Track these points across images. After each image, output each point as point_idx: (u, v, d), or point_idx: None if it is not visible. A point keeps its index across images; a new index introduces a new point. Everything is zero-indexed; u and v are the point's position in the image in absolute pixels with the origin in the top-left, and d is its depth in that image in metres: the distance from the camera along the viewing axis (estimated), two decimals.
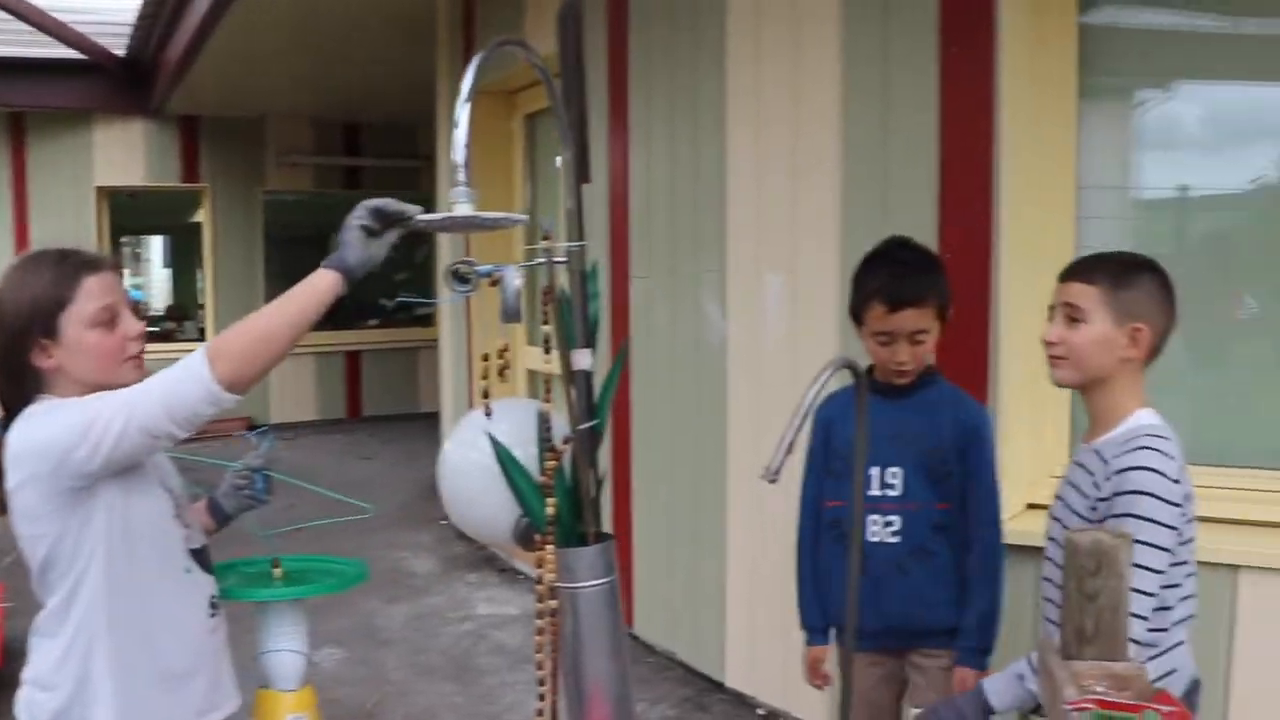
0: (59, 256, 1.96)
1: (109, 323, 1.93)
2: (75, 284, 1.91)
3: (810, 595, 2.69)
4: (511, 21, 5.82)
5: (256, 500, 2.30)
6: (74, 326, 1.90)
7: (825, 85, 3.61)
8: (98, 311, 1.91)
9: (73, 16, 8.32)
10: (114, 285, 1.97)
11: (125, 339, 1.95)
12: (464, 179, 1.79)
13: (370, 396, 12.45)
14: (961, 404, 2.52)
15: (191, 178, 11.45)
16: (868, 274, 2.50)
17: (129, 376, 1.95)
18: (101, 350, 1.92)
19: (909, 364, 2.43)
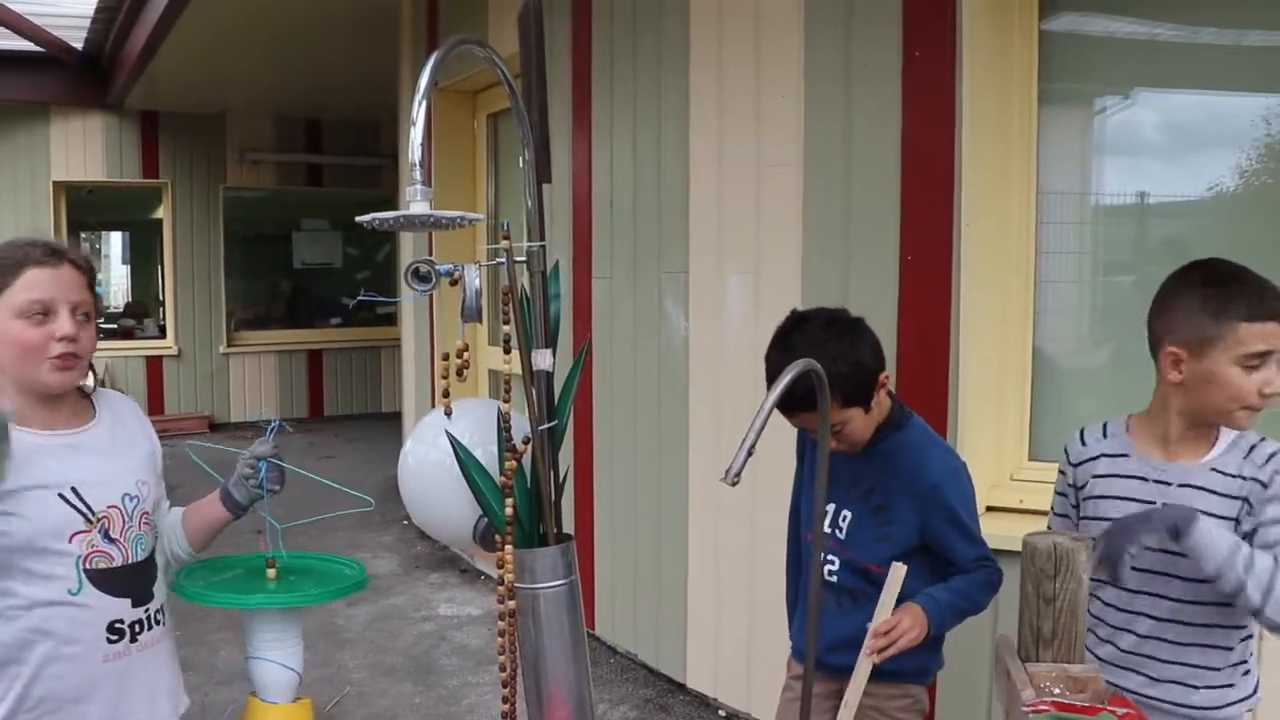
0: (17, 246, 1.93)
1: (40, 317, 1.89)
2: (15, 273, 1.90)
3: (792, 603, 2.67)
4: (474, 20, 5.80)
5: (263, 490, 2.25)
6: (3, 315, 1.89)
7: (787, 88, 3.62)
8: (27, 303, 1.89)
9: (29, 8, 8.19)
10: (60, 281, 1.92)
11: (50, 338, 1.90)
12: (420, 177, 1.78)
13: (332, 396, 12.38)
14: (922, 463, 2.31)
15: (151, 173, 11.33)
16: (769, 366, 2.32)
17: (48, 377, 1.91)
18: (21, 342, 1.89)
19: (843, 447, 2.30)
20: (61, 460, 1.92)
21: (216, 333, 11.76)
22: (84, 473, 1.94)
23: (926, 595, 2.25)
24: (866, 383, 2.25)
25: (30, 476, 1.86)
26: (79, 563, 1.91)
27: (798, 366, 1.78)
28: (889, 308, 3.25)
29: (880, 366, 2.29)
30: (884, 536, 2.34)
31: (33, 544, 1.86)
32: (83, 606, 1.92)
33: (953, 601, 2.28)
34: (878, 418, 2.33)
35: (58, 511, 1.89)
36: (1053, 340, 3.34)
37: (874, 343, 2.30)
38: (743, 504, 3.80)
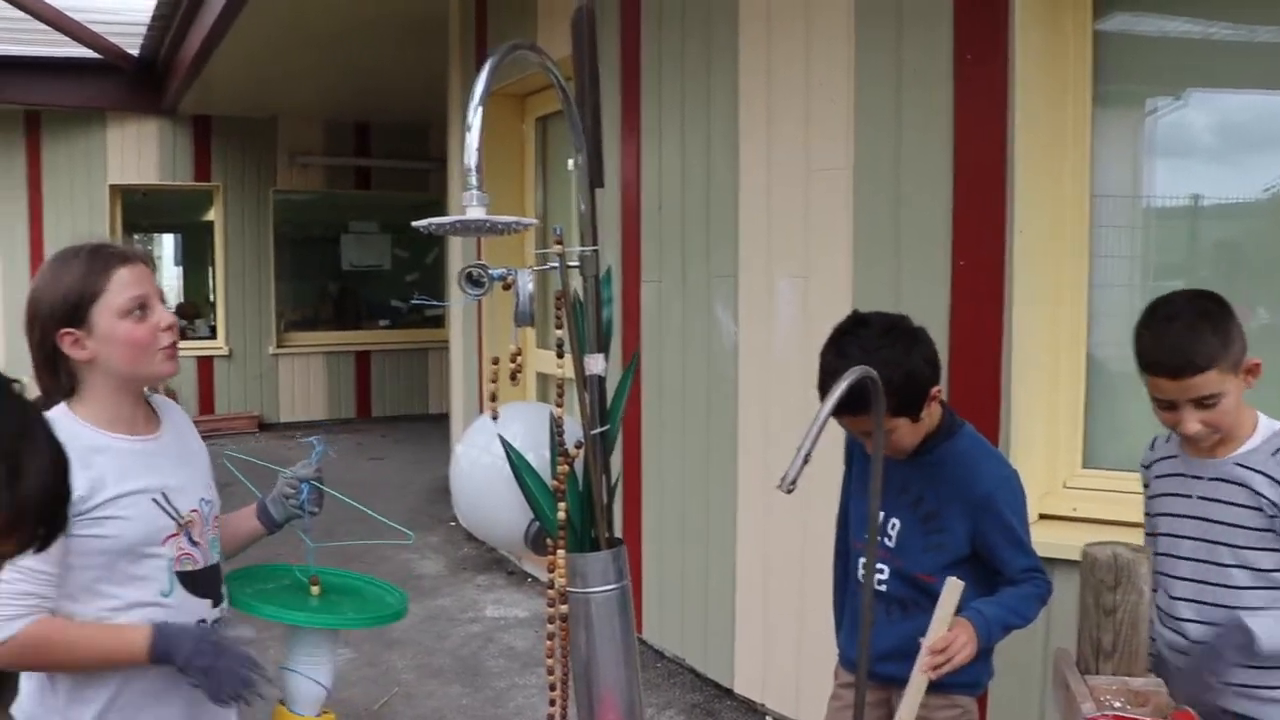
0: (92, 250, 1.97)
1: (140, 312, 1.93)
2: (107, 275, 1.93)
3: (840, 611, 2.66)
4: (523, 24, 5.82)
5: (302, 511, 2.25)
6: (106, 317, 1.91)
7: (837, 91, 3.61)
8: (128, 301, 1.92)
9: (89, 16, 8.33)
10: (145, 277, 1.97)
11: (156, 329, 1.94)
12: (476, 183, 1.78)
13: (380, 397, 12.47)
14: (974, 471, 2.30)
15: (203, 177, 11.49)
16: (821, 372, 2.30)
17: (161, 367, 1.96)
18: (132, 340, 1.92)
19: (893, 451, 2.29)
20: (149, 466, 1.96)
21: (266, 334, 11.89)
22: (168, 478, 1.98)
23: (975, 610, 2.23)
24: (917, 394, 2.23)
25: (131, 482, 1.90)
26: (170, 565, 1.96)
27: (854, 374, 1.78)
28: (940, 312, 3.23)
29: (934, 379, 2.27)
30: (934, 545, 2.32)
31: (133, 548, 1.90)
32: (173, 607, 1.96)
33: (1001, 616, 2.25)
34: (926, 427, 2.32)
35: (153, 515, 1.93)
36: (1107, 345, 3.30)
37: (930, 354, 2.28)
38: (792, 509, 3.79)
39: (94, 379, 1.92)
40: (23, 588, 1.78)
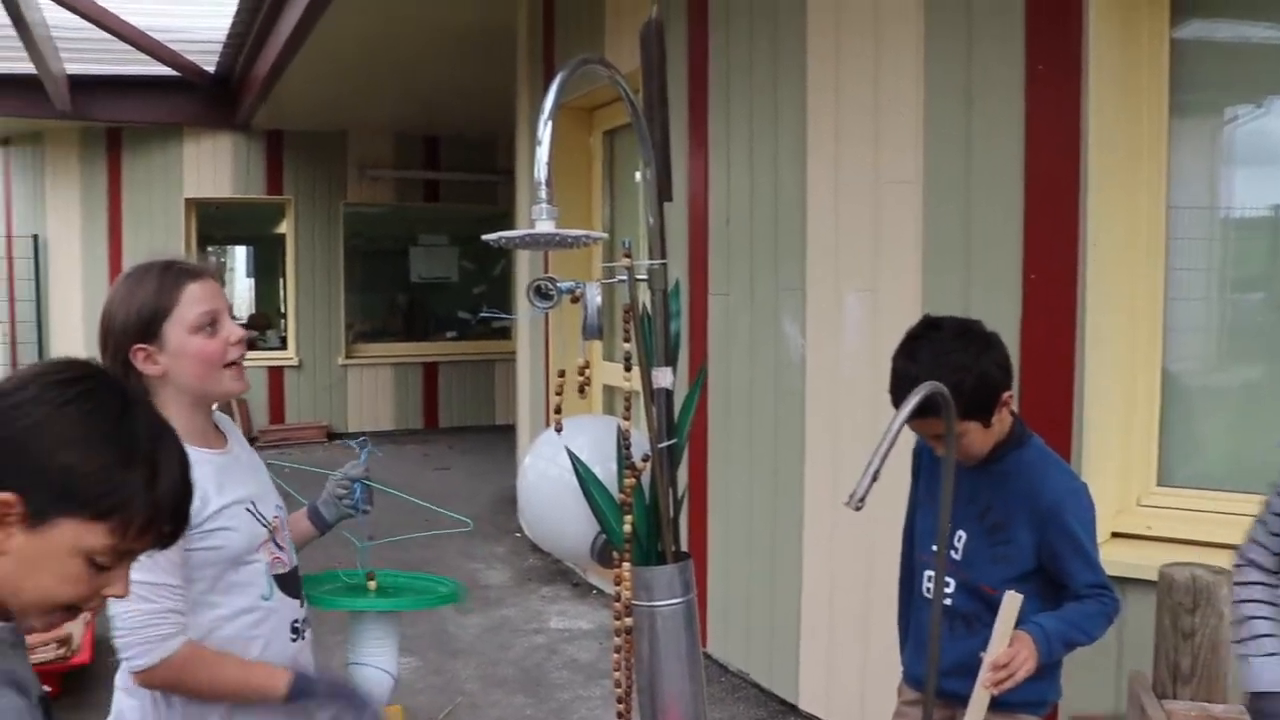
0: (163, 266, 2.00)
1: (210, 328, 1.96)
2: (178, 291, 1.95)
3: (905, 626, 2.63)
4: (591, 38, 5.86)
5: (356, 510, 2.28)
6: (177, 332, 1.93)
7: (906, 103, 3.58)
8: (199, 317, 1.94)
9: (168, 35, 8.53)
10: (215, 292, 2.00)
11: (226, 344, 1.97)
12: (545, 196, 1.80)
13: (447, 408, 12.58)
14: (1042, 479, 2.26)
15: (275, 190, 11.70)
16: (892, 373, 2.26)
17: (229, 385, 1.99)
18: (203, 355, 1.95)
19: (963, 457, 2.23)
20: (233, 477, 2.00)
21: (335, 344, 12.06)
22: (250, 488, 2.02)
23: (1036, 624, 2.19)
24: (988, 398, 2.20)
25: (228, 493, 1.94)
26: (267, 569, 2.01)
27: (925, 389, 1.76)
28: (1011, 327, 3.18)
29: (1006, 384, 2.24)
30: (1000, 557, 2.28)
31: (238, 556, 1.95)
32: (273, 610, 2.01)
33: (1063, 632, 2.21)
34: (997, 434, 2.28)
35: (250, 524, 1.98)
36: (1183, 360, 3.23)
37: (1002, 359, 2.25)
38: (858, 524, 3.75)
39: (167, 394, 1.95)
40: (167, 604, 1.82)
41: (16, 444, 1.17)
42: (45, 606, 1.22)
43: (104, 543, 1.19)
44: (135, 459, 1.20)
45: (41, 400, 1.19)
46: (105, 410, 1.21)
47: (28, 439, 1.17)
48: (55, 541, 1.18)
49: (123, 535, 1.20)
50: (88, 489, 1.18)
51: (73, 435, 1.18)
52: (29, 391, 1.19)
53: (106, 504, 1.18)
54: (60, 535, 1.18)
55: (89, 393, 1.21)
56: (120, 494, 1.19)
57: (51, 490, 1.17)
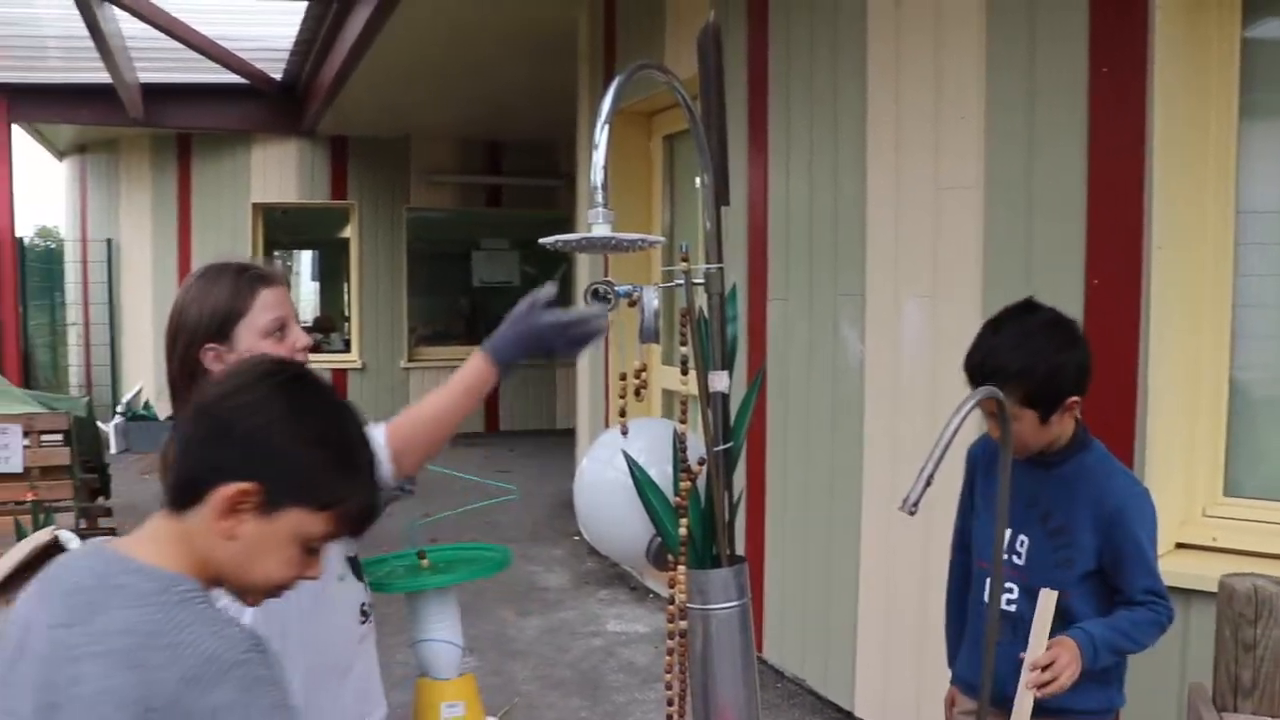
0: (238, 269, 2.03)
1: (279, 334, 1.99)
2: (252, 295, 1.98)
3: (951, 635, 2.61)
4: (651, 43, 5.88)
5: (403, 491, 2.23)
6: (248, 335, 1.96)
7: (967, 107, 3.55)
8: (270, 322, 1.97)
9: (236, 44, 8.70)
10: (285, 299, 2.03)
11: (293, 350, 1.99)
12: (602, 200, 1.81)
13: (508, 411, 12.66)
14: (1106, 483, 2.24)
15: (340, 195, 11.87)
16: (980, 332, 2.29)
17: None
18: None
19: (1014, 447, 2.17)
20: None
21: (398, 347, 12.19)
22: None
23: (1082, 630, 2.16)
24: (1055, 393, 2.17)
25: None
26: (340, 552, 2.04)
27: (980, 394, 1.75)
28: None
29: (1077, 388, 2.20)
30: (1063, 561, 2.25)
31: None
32: (346, 590, 2.06)
33: (1110, 639, 2.18)
34: (1052, 435, 2.24)
35: None
36: (1251, 368, 3.17)
37: (1083, 362, 2.22)
38: (915, 530, 3.73)
39: None
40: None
41: (256, 438, 1.31)
42: (265, 587, 1.36)
43: (321, 531, 1.34)
44: (354, 456, 1.38)
45: (274, 399, 1.33)
46: (328, 410, 1.38)
47: (267, 434, 1.31)
48: (282, 528, 1.32)
49: (337, 524, 1.36)
50: (317, 482, 1.33)
51: (306, 432, 1.33)
52: (260, 391, 1.34)
53: (331, 496, 1.34)
54: (287, 523, 1.32)
55: (313, 393, 1.38)
56: (343, 488, 1.35)
57: (287, 482, 1.31)
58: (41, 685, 1.22)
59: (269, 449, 1.31)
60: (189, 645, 1.20)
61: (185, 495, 1.31)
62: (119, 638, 1.21)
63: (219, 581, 1.35)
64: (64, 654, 1.22)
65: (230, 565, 1.33)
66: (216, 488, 1.29)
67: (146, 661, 1.19)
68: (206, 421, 1.34)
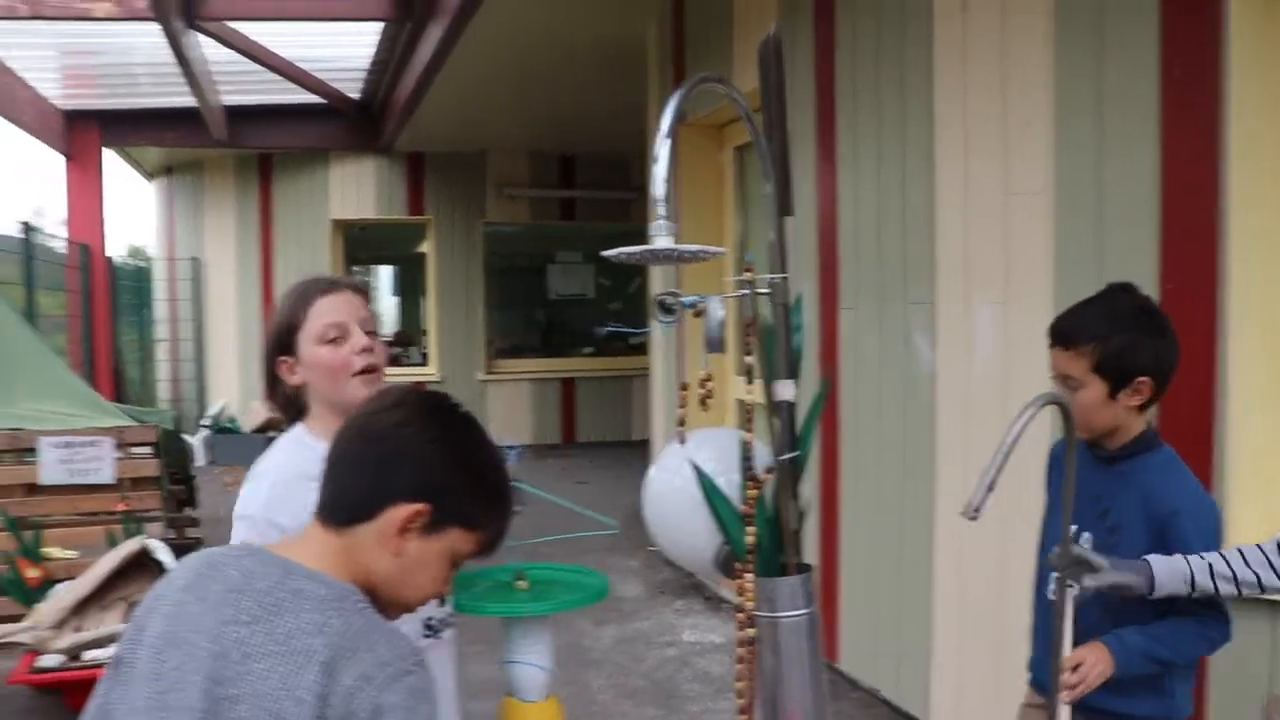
0: (301, 283, 2.12)
1: (337, 339, 2.04)
2: (308, 306, 2.06)
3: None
4: (720, 55, 5.90)
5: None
6: (307, 344, 2.05)
7: (1036, 110, 3.52)
8: (324, 328, 2.04)
9: (315, 65, 8.91)
10: (347, 304, 2.08)
11: (351, 353, 2.04)
12: (664, 213, 1.84)
13: (584, 422, 12.75)
14: (1164, 485, 2.22)
15: (417, 210, 12.07)
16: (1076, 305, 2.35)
17: (355, 392, 2.02)
18: (329, 364, 2.03)
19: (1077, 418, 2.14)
20: None
21: (475, 360, 12.34)
22: None
23: (1116, 636, 2.15)
24: (1126, 366, 2.17)
25: None
26: None
27: (1043, 399, 1.75)
28: None
29: (1150, 371, 2.18)
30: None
31: None
32: None
33: (1146, 646, 2.15)
34: (1117, 417, 2.22)
35: None
36: None
37: (1165, 353, 2.22)
38: (990, 538, 3.70)
39: (314, 400, 2.06)
40: None
41: (429, 464, 1.42)
42: (415, 601, 1.47)
43: (469, 550, 1.47)
44: (504, 481, 1.52)
45: (441, 427, 1.46)
46: (482, 438, 1.51)
47: (438, 460, 1.43)
48: (441, 547, 1.44)
49: (481, 544, 1.48)
50: (476, 505, 1.46)
51: (469, 458, 1.46)
52: (435, 421, 1.46)
53: (485, 518, 1.47)
54: (446, 542, 1.44)
55: (468, 422, 1.50)
56: (494, 510, 1.49)
57: (452, 504, 1.43)
58: (212, 678, 1.29)
59: (440, 474, 1.42)
60: (368, 649, 1.29)
61: (353, 513, 1.41)
62: (305, 639, 1.29)
63: (370, 594, 1.43)
64: (240, 650, 1.29)
65: (388, 580, 1.42)
66: (388, 508, 1.39)
67: (332, 662, 1.27)
68: (376, 445, 1.43)
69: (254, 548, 1.45)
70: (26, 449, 5.40)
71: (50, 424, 5.44)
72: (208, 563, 1.40)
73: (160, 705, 1.29)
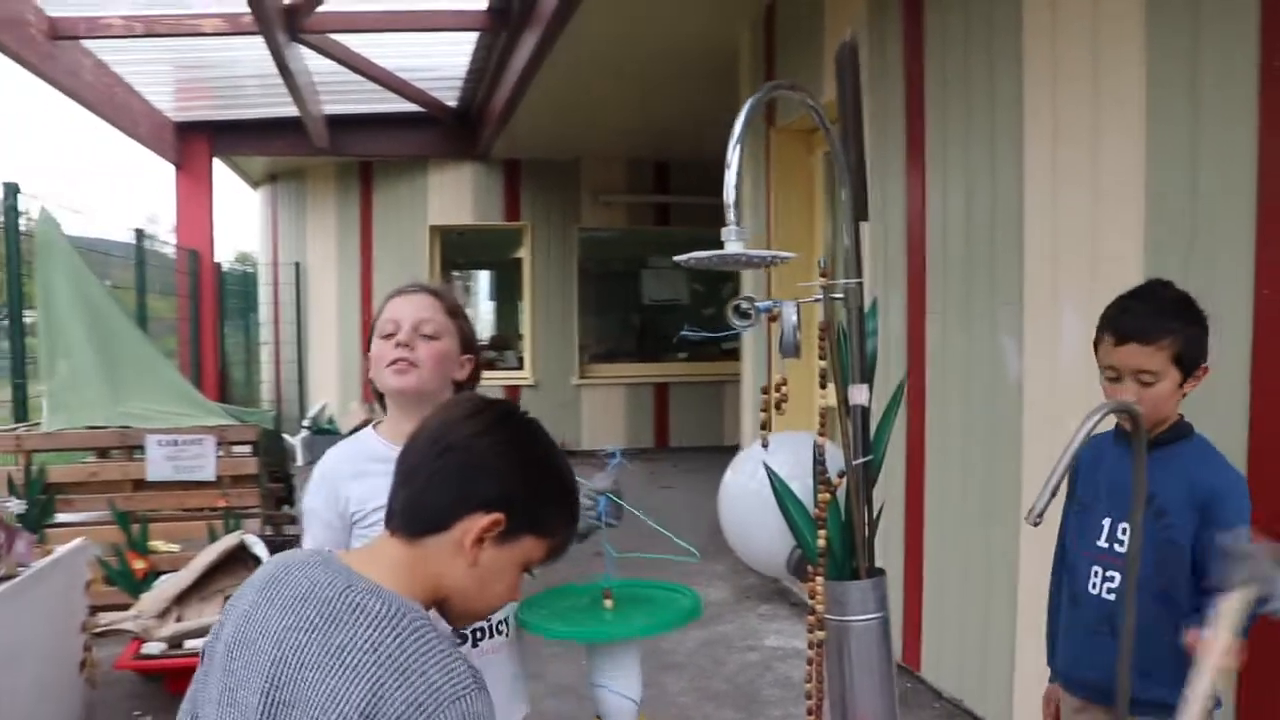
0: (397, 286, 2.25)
1: (391, 334, 2.15)
2: (384, 307, 2.21)
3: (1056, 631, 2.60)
4: (810, 60, 5.90)
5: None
6: (376, 341, 2.18)
7: (1126, 109, 3.46)
8: (384, 324, 2.17)
9: (413, 75, 9.10)
10: (411, 305, 2.18)
11: (390, 347, 2.14)
12: (734, 218, 1.88)
13: (677, 427, 12.79)
14: (1205, 466, 2.30)
15: (513, 216, 12.24)
16: (1109, 309, 2.43)
17: (387, 381, 2.14)
18: (375, 355, 2.16)
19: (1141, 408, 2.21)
20: None
21: (570, 365, 12.46)
22: None
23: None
24: (1195, 357, 2.29)
25: None
26: None
27: (1110, 405, 1.74)
28: (1241, 347, 3.00)
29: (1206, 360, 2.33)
30: (1166, 542, 2.27)
31: None
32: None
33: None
34: (1176, 408, 2.33)
35: None
36: None
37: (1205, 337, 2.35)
38: None
39: (388, 399, 2.17)
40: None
41: (505, 474, 1.44)
42: (489, 611, 1.50)
43: (540, 556, 1.49)
44: (573, 489, 1.54)
45: (513, 436, 1.48)
46: (551, 446, 1.53)
47: (513, 470, 1.45)
48: (515, 555, 1.46)
49: (551, 551, 1.50)
50: (549, 513, 1.48)
51: (542, 468, 1.49)
52: (507, 431, 1.48)
53: (554, 525, 1.50)
54: (520, 550, 1.46)
55: (537, 430, 1.53)
56: (564, 517, 1.52)
57: (526, 513, 1.44)
58: (271, 680, 1.31)
59: (513, 483, 1.43)
60: (419, 673, 1.28)
61: (428, 524, 1.42)
62: (357, 654, 1.29)
63: (441, 605, 1.45)
64: (297, 657, 1.30)
65: (463, 590, 1.44)
66: (463, 518, 1.41)
67: (380, 680, 1.27)
68: (452, 455, 1.43)
69: (327, 555, 1.45)
70: (135, 446, 5.63)
71: (157, 423, 5.65)
72: (284, 566, 1.42)
73: (230, 701, 1.34)
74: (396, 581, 1.39)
